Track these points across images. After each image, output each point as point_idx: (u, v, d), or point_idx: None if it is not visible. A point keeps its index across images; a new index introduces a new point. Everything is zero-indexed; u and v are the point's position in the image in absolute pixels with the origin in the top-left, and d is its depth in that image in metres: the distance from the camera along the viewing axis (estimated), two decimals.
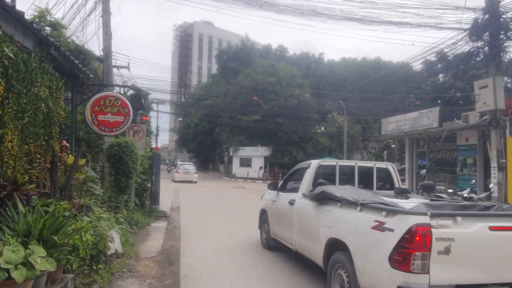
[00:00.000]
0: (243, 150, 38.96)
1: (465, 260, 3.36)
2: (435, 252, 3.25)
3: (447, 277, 3.31)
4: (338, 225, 4.44)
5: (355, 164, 6.31)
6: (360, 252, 3.89)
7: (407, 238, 3.27)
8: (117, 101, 7.11)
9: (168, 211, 11.75)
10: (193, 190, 21.50)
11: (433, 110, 18.87)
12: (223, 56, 46.99)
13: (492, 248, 3.45)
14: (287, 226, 6.11)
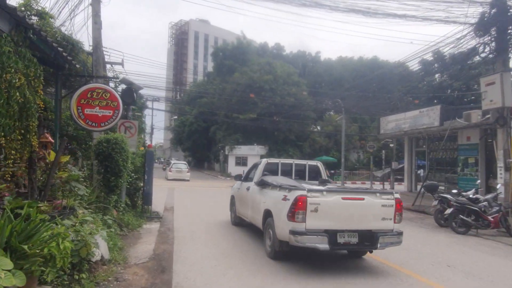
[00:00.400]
0: (239, 149, 38.44)
1: (327, 216, 5.68)
2: (309, 211, 5.58)
3: (316, 224, 5.64)
4: (268, 200, 6.81)
5: (292, 162, 9.27)
6: (276, 215, 6.23)
7: (294, 203, 5.62)
8: (106, 94, 6.57)
9: (161, 211, 11.23)
10: (188, 189, 20.96)
11: (434, 108, 18.49)
12: (219, 54, 46.38)
13: (343, 209, 5.79)
14: (245, 206, 8.55)
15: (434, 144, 20.24)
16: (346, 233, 5.74)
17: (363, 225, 5.86)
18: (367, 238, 5.84)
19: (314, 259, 6.37)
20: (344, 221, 5.76)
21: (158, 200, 13.58)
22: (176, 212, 11.57)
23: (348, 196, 5.92)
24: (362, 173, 41.44)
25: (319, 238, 5.57)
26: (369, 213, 5.91)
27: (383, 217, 5.97)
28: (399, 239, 6.15)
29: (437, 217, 11.20)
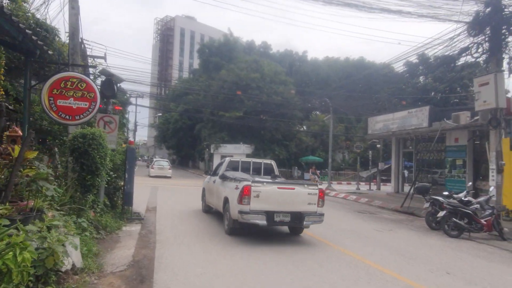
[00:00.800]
0: (225, 148, 37.83)
1: (266, 200, 7.51)
2: (253, 196, 7.41)
3: (258, 207, 7.46)
4: (227, 190, 8.59)
5: (251, 160, 11.12)
6: (231, 200, 7.97)
7: (242, 191, 7.44)
8: (82, 84, 5.97)
9: (143, 212, 10.62)
10: (172, 188, 20.32)
11: (422, 109, 18.34)
12: (205, 51, 45.59)
13: (279, 196, 7.62)
14: (212, 195, 10.45)
15: (421, 145, 20.15)
16: (281, 214, 7.71)
17: (294, 208, 7.79)
18: (297, 218, 7.79)
19: (260, 235, 8.33)
20: (279, 205, 7.71)
21: (140, 200, 12.97)
22: (159, 213, 10.98)
23: (282, 186, 7.98)
24: (348, 174, 41.42)
25: (259, 217, 7.54)
26: (298, 199, 7.86)
27: (309, 203, 7.93)
28: (320, 219, 8.12)
29: (428, 220, 10.95)
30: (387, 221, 11.97)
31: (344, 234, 9.16)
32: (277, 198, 7.66)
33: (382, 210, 15.22)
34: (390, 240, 8.83)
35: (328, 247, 7.61)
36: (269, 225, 7.75)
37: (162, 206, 12.54)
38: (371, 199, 18.07)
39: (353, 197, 19.55)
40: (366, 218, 12.41)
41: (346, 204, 16.86)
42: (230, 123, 37.34)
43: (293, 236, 8.62)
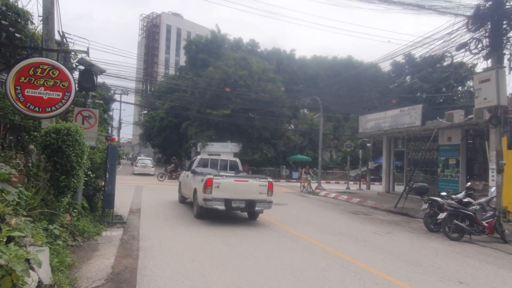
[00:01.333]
0: (212, 146, 37.07)
1: (225, 190, 9.31)
2: (214, 187, 9.23)
3: (218, 195, 9.25)
4: (196, 182, 10.31)
5: (218, 158, 13.10)
6: (198, 190, 9.75)
7: (206, 182, 9.26)
8: (54, 72, 5.24)
9: (126, 214, 9.88)
10: (157, 187, 19.52)
11: (415, 107, 18.00)
12: (192, 47, 44.61)
13: (235, 187, 9.41)
14: (186, 187, 12.21)
15: (413, 144, 19.84)
16: (237, 201, 9.52)
17: (247, 196, 9.58)
18: (250, 204, 9.61)
19: (223, 219, 10.11)
20: (236, 194, 9.50)
21: (123, 201, 12.21)
22: (143, 215, 10.25)
23: (238, 179, 9.85)
24: (336, 173, 41.14)
25: (219, 203, 9.36)
26: (251, 189, 9.64)
27: (260, 192, 9.72)
28: (269, 205, 9.98)
29: (427, 221, 10.51)
30: (383, 223, 11.50)
31: (341, 238, 8.61)
32: (233, 188, 9.56)
33: (376, 211, 14.79)
34: (391, 244, 8.32)
35: (327, 253, 7.03)
36: (227, 210, 9.72)
37: (146, 207, 11.80)
38: (363, 199, 17.65)
39: (344, 197, 19.11)
40: (361, 220, 11.91)
41: (338, 205, 16.38)
42: (217, 121, 36.58)
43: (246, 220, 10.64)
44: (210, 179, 9.35)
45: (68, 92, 5.37)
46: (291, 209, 13.60)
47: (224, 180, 9.52)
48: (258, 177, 10.25)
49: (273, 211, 12.50)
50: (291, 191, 23.03)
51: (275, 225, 9.86)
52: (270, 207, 10.06)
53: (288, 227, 9.55)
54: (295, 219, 11.25)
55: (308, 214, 12.56)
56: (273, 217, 11.24)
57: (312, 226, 10.10)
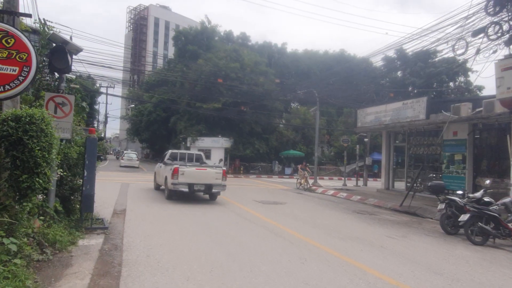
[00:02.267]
0: (202, 141, 35.82)
1: (188, 177, 12.14)
2: (180, 174, 12.05)
3: (183, 180, 12.08)
4: (166, 171, 13.08)
5: (186, 152, 16.56)
6: (168, 177, 12.65)
7: (173, 170, 12.13)
8: (9, 40, 4.03)
9: (109, 217, 8.69)
10: (145, 185, 18.25)
11: (419, 100, 17.07)
12: (181, 38, 43.03)
13: (196, 174, 12.32)
14: (159, 176, 14.69)
15: (414, 139, 18.95)
16: (198, 185, 12.17)
17: (206, 181, 12.25)
18: (208, 187, 12.28)
19: (188, 200, 12.73)
20: (197, 179, 12.13)
21: (107, 201, 11.03)
22: (128, 217, 9.07)
23: (199, 168, 12.72)
24: (329, 168, 40.32)
25: (184, 186, 11.98)
26: (209, 176, 12.31)
27: (216, 178, 12.36)
28: (223, 188, 12.76)
29: (443, 223, 9.57)
30: (393, 224, 10.53)
31: (355, 244, 7.58)
32: (195, 175, 12.23)
33: (381, 210, 13.84)
34: (411, 251, 7.33)
35: (347, 264, 5.99)
36: (190, 192, 12.33)
37: (132, 207, 10.60)
38: (364, 197, 16.73)
39: (343, 194, 18.16)
40: (369, 221, 10.93)
41: (339, 203, 15.41)
42: (208, 115, 35.33)
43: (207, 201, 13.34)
44: (176, 168, 12.17)
45: (28, 67, 4.18)
46: (291, 209, 12.55)
47: (187, 169, 12.32)
48: (214, 166, 13.75)
49: (272, 211, 11.45)
50: (286, 188, 22.01)
51: (278, 228, 8.79)
52: (224, 190, 13.01)
53: (292, 231, 8.49)
54: (298, 220, 10.20)
55: (310, 215, 11.53)
56: (274, 218, 10.18)
57: (319, 228, 9.06)
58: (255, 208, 12.16)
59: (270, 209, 12.05)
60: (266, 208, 12.26)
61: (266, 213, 11.03)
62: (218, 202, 13.18)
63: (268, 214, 10.82)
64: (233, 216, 10.25)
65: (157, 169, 15.51)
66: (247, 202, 13.77)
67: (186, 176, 12.03)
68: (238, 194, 16.62)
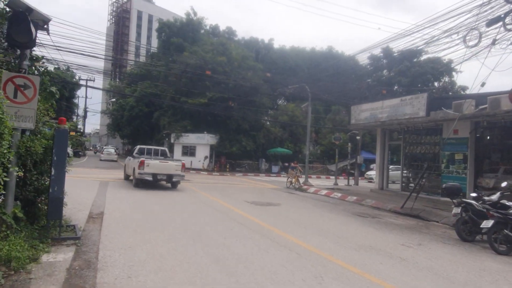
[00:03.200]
0: (187, 137, 34.46)
1: (153, 168, 14.68)
2: (145, 165, 14.56)
3: (148, 170, 14.58)
4: (134, 163, 15.51)
5: (152, 147, 18.93)
6: (135, 168, 15.02)
7: (140, 162, 14.61)
8: None
9: (83, 222, 7.46)
10: (126, 183, 16.91)
11: (419, 96, 16.27)
12: (165, 30, 41.35)
13: (160, 165, 14.97)
14: (128, 168, 17.03)
15: (411, 137, 18.20)
16: (161, 175, 14.69)
17: (167, 171, 14.81)
18: (169, 177, 14.89)
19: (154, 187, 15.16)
20: (160, 170, 14.62)
21: (82, 201, 9.77)
22: (106, 222, 7.84)
23: (162, 161, 15.25)
24: (316, 167, 39.54)
25: (148, 176, 14.38)
26: (170, 167, 14.91)
27: (176, 169, 14.95)
28: (182, 178, 15.52)
29: (459, 229, 8.70)
30: (401, 230, 9.62)
31: (371, 255, 6.59)
32: (158, 166, 14.75)
33: (381, 212, 12.96)
34: (436, 263, 6.39)
35: (370, 283, 4.96)
36: (154, 181, 14.82)
37: (112, 210, 9.35)
38: (360, 197, 15.86)
39: (337, 194, 17.26)
40: (375, 225, 9.99)
41: (336, 204, 14.47)
42: (193, 111, 33.97)
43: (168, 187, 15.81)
44: (143, 160, 14.66)
45: None
46: (288, 211, 11.51)
47: (152, 161, 14.89)
48: (175, 160, 17.15)
49: (267, 214, 10.39)
50: (276, 187, 21.00)
51: (279, 235, 7.73)
52: (183, 179, 16.03)
53: (297, 239, 7.44)
54: (298, 225, 9.16)
55: (310, 218, 10.51)
56: (271, 222, 9.12)
57: (325, 236, 8.03)
58: (248, 210, 11.07)
59: (265, 212, 10.99)
60: (260, 210, 11.19)
61: (261, 216, 9.96)
62: (208, 204, 12.03)
63: (263, 218, 9.75)
64: (226, 220, 9.13)
65: (127, 162, 17.94)
66: (238, 203, 12.67)
67: (150, 167, 14.62)
68: (226, 194, 15.50)
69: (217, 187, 18.44)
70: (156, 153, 17.85)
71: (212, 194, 14.79)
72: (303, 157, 36.35)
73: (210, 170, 32.98)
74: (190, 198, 13.27)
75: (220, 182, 22.44)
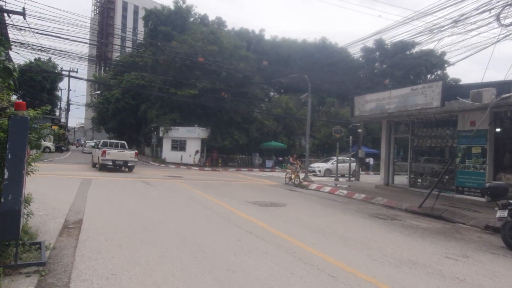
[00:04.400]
0: (176, 131, 32.77)
1: (112, 156, 19.99)
2: (107, 154, 19.89)
3: (109, 158, 19.87)
4: (99, 153, 20.66)
5: (114, 141, 25.76)
6: (99, 156, 20.41)
7: (102, 152, 20.06)
8: None
9: (55, 236, 5.94)
10: (111, 181, 15.31)
11: (432, 85, 14.99)
12: (152, 18, 39.31)
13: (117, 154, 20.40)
14: (95, 157, 22.20)
15: (421, 130, 16.97)
16: (119, 161, 19.93)
17: (124, 158, 20.08)
18: (125, 162, 20.20)
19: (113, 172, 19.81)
20: (118, 157, 19.88)
21: (58, 206, 8.27)
22: (84, 234, 6.32)
23: (119, 150, 20.88)
24: (312, 161, 38.23)
25: (109, 161, 19.64)
26: (125, 155, 20.31)
27: (130, 157, 20.43)
28: (135, 163, 21.11)
29: (505, 235, 7.43)
30: (432, 235, 8.32)
31: (419, 274, 5.24)
32: (116, 155, 19.79)
33: (399, 213, 11.68)
34: (498, 284, 5.08)
35: None
36: (114, 165, 19.75)
37: (93, 216, 7.81)
38: (369, 195, 14.59)
39: (343, 192, 15.96)
40: (401, 230, 8.67)
41: (345, 203, 13.14)
42: (182, 103, 32.27)
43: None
44: (105, 150, 19.95)
45: None
46: (296, 213, 10.12)
47: (112, 151, 20.19)
48: (129, 150, 22.37)
49: (275, 218, 8.95)
50: (274, 183, 19.61)
51: (299, 247, 6.32)
52: (136, 164, 21.37)
53: (321, 252, 6.06)
54: (315, 231, 7.77)
55: (324, 222, 9.12)
56: (283, 229, 7.73)
57: (352, 247, 6.67)
58: (252, 212, 9.64)
59: (271, 214, 9.58)
60: (266, 213, 9.78)
61: (270, 221, 8.55)
62: (206, 205, 10.55)
63: (272, 223, 8.34)
64: (230, 227, 7.69)
65: (94, 152, 23.14)
66: (238, 203, 11.24)
67: (111, 155, 19.82)
68: (223, 192, 14.05)
69: (211, 185, 16.95)
70: (116, 145, 23.53)
71: (207, 193, 13.32)
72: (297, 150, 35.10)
73: (202, 165, 31.42)
74: (184, 198, 11.77)
75: (214, 178, 20.96)
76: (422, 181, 17.09)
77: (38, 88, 41.91)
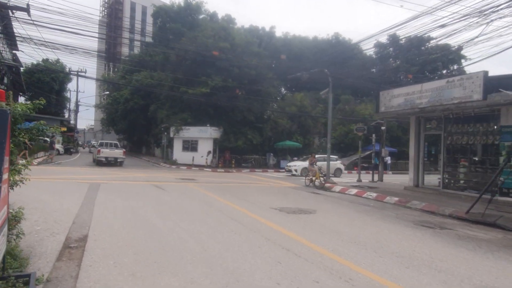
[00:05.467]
0: (188, 131, 31.66)
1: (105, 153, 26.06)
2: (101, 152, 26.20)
3: (103, 155, 26.05)
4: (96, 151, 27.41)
5: (107, 141, 31.50)
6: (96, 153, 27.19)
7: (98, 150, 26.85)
8: None
9: (52, 258, 4.79)
10: (121, 185, 14.21)
11: (472, 76, 13.56)
12: (162, 15, 38.29)
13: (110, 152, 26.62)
14: (94, 154, 29.28)
15: (455, 126, 15.54)
16: (110, 158, 25.84)
17: (114, 156, 26.08)
18: (116, 159, 26.03)
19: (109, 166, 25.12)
20: (110, 155, 25.98)
21: (60, 217, 7.14)
22: (88, 258, 5.15)
23: (111, 149, 26.97)
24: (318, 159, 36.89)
25: (103, 158, 25.62)
26: (116, 153, 26.36)
27: (119, 154, 26.44)
28: (124, 159, 27.03)
29: None
30: (501, 249, 6.99)
31: None
32: (108, 152, 26.05)
33: (444, 220, 10.31)
34: None
35: None
36: (107, 161, 25.52)
37: (100, 231, 6.63)
38: (403, 198, 13.24)
39: (372, 194, 14.63)
40: (460, 243, 7.34)
41: (380, 208, 11.81)
42: (193, 102, 31.16)
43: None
44: (99, 149, 26.00)
45: None
46: (331, 222, 8.84)
47: (105, 149, 26.12)
48: (119, 148, 28.36)
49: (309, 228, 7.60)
50: (294, 185, 18.35)
51: (349, 268, 5.06)
52: (124, 160, 27.10)
53: (380, 276, 4.80)
54: (363, 248, 6.48)
55: (365, 232, 7.82)
56: (322, 242, 6.50)
57: (412, 267, 5.38)
58: (281, 222, 8.41)
59: (305, 224, 8.32)
60: (298, 222, 8.53)
61: (305, 233, 7.31)
62: (227, 213, 9.33)
63: (311, 236, 7.08)
64: (261, 242, 6.45)
65: (93, 151, 30.23)
66: (262, 210, 10.01)
67: (104, 153, 25.55)
68: (242, 196, 12.85)
69: (228, 188, 15.77)
70: (110, 145, 28.94)
71: (226, 198, 12.12)
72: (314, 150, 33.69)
73: (214, 167, 30.26)
74: (201, 205, 10.58)
75: (229, 180, 19.77)
76: (459, 182, 15.68)
77: (46, 90, 41.26)
